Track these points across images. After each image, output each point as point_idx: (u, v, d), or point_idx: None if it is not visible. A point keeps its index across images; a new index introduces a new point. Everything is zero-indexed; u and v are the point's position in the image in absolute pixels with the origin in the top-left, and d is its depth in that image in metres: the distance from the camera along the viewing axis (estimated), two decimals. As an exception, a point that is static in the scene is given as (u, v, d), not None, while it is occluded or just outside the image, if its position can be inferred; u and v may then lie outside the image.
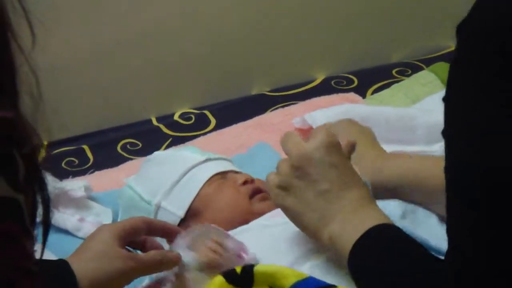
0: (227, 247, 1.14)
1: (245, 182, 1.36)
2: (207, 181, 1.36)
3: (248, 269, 1.08)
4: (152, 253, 1.12)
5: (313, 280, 1.06)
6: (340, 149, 1.12)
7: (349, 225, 1.04)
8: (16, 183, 0.63)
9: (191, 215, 1.34)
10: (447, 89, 0.86)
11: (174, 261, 1.13)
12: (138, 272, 1.10)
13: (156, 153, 1.48)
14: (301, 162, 1.11)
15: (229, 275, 1.08)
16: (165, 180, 1.37)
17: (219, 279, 1.08)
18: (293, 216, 1.12)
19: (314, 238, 1.11)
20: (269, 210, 1.30)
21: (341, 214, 1.07)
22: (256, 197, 1.35)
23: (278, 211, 1.23)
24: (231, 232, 1.26)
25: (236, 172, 1.40)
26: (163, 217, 1.35)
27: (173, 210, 1.35)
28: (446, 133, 0.87)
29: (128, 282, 1.10)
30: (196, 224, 1.24)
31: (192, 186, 1.36)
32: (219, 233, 1.16)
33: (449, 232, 0.87)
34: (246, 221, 1.30)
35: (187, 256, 1.13)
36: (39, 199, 0.67)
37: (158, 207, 1.36)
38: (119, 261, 1.07)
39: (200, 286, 1.10)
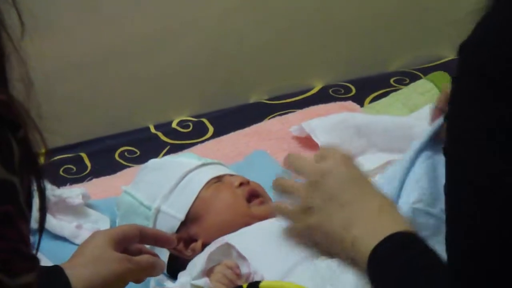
0: (241, 273, 1.15)
1: (240, 184, 1.37)
2: (205, 184, 1.37)
3: (254, 286, 1.08)
4: (146, 257, 1.13)
5: None
6: (354, 162, 1.13)
7: (370, 231, 1.04)
8: (12, 166, 0.63)
9: (191, 219, 1.35)
10: (449, 107, 0.86)
11: (163, 267, 1.14)
12: (133, 274, 1.10)
13: (152, 160, 1.48)
14: (318, 177, 1.10)
15: None
16: (164, 184, 1.38)
17: None
18: (317, 231, 1.11)
19: (340, 247, 1.09)
20: (268, 213, 1.31)
21: (363, 220, 1.06)
22: (254, 202, 1.36)
23: None
24: (230, 235, 1.26)
25: (231, 175, 1.41)
26: (163, 221, 1.35)
27: (173, 214, 1.36)
28: (448, 151, 0.87)
29: (124, 285, 1.10)
30: (206, 235, 1.25)
31: (190, 189, 1.37)
32: (237, 258, 1.16)
33: (448, 255, 0.87)
34: (245, 224, 1.31)
35: (200, 281, 1.14)
36: (34, 188, 0.68)
37: (158, 211, 1.36)
38: (114, 263, 1.07)
39: None
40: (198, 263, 1.19)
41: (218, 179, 1.39)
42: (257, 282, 1.09)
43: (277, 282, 1.10)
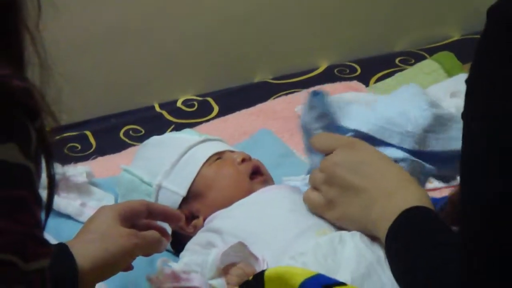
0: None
1: (243, 160, 1.37)
2: (206, 161, 1.37)
3: (259, 276, 1.08)
4: (152, 232, 1.13)
5: (321, 277, 1.06)
6: (362, 142, 1.16)
7: (386, 211, 1.06)
8: (29, 152, 0.64)
9: (193, 195, 1.35)
10: (471, 71, 0.85)
11: (167, 243, 1.17)
12: (141, 249, 1.10)
13: (153, 137, 1.48)
14: (330, 170, 1.14)
15: (243, 285, 1.10)
16: (165, 160, 1.38)
17: None
18: (344, 221, 1.15)
19: (364, 229, 1.12)
20: None
21: (379, 202, 1.09)
22: (256, 180, 1.36)
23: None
24: (228, 209, 1.28)
25: (233, 152, 1.41)
26: (164, 197, 1.35)
27: (175, 189, 1.35)
28: (465, 117, 0.86)
29: (131, 260, 1.11)
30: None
31: (192, 165, 1.37)
32: (250, 258, 1.16)
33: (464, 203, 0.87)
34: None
35: (217, 282, 1.14)
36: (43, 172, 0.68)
37: (159, 187, 1.36)
38: (122, 239, 1.07)
39: None
40: (209, 259, 1.18)
41: (220, 155, 1.39)
42: (262, 271, 1.09)
43: (281, 268, 1.09)
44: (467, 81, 0.86)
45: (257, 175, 1.37)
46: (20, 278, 0.65)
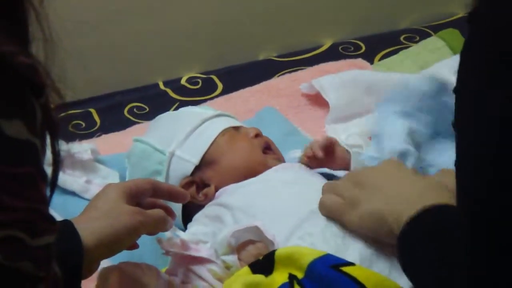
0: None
1: (256, 135, 1.39)
2: (222, 131, 1.38)
3: (270, 255, 1.09)
4: (157, 210, 1.13)
5: (330, 257, 1.06)
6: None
7: (411, 205, 1.04)
8: (34, 128, 0.64)
9: (205, 163, 1.36)
10: (458, 80, 0.85)
11: (172, 222, 1.16)
12: (146, 227, 1.10)
13: (167, 112, 1.49)
14: (357, 178, 1.14)
15: (254, 264, 1.10)
16: (179, 130, 1.39)
17: (245, 269, 1.10)
18: (366, 220, 1.12)
19: (386, 228, 1.08)
20: None
21: (405, 197, 1.07)
22: (270, 155, 1.37)
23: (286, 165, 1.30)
24: (239, 184, 1.28)
25: (246, 128, 1.43)
26: (176, 165, 1.36)
27: (187, 158, 1.36)
28: (456, 126, 0.86)
29: (137, 238, 1.11)
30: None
31: (207, 135, 1.38)
32: (264, 238, 1.16)
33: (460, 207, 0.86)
34: (258, 172, 1.33)
35: (229, 258, 1.14)
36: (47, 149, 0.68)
37: (172, 155, 1.37)
38: (127, 216, 1.07)
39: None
40: (220, 235, 1.18)
41: (235, 128, 1.40)
42: (273, 251, 1.09)
43: (290, 248, 1.10)
44: (454, 91, 0.85)
45: (269, 151, 1.38)
46: (26, 253, 0.65)
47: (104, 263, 1.12)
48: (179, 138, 1.38)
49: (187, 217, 1.33)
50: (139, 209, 1.10)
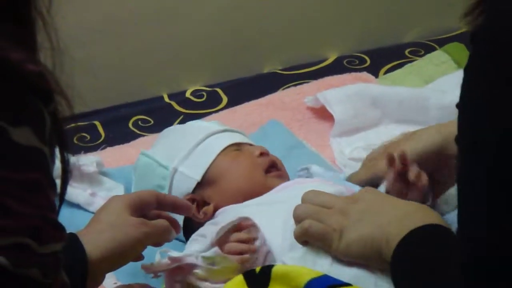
0: (256, 247, 1.14)
1: (261, 154, 1.37)
2: (224, 150, 1.37)
3: (266, 270, 1.08)
4: (161, 220, 1.13)
5: (327, 278, 1.06)
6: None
7: (403, 227, 1.03)
8: (43, 136, 0.64)
9: (206, 182, 1.35)
10: (461, 96, 0.84)
11: (178, 231, 1.17)
12: (151, 237, 1.10)
13: (174, 125, 1.49)
14: (349, 203, 1.12)
15: (249, 275, 1.09)
16: (183, 146, 1.38)
17: (239, 279, 1.09)
18: (355, 245, 1.10)
19: (376, 250, 1.07)
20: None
21: (397, 219, 1.06)
22: (272, 173, 1.36)
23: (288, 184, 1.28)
24: (242, 205, 1.27)
25: (251, 145, 1.41)
26: (179, 181, 1.35)
27: (190, 174, 1.36)
28: (460, 143, 0.85)
29: (142, 249, 1.11)
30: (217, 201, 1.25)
31: (209, 152, 1.37)
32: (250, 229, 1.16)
33: (461, 222, 0.86)
34: (259, 194, 1.31)
35: (210, 252, 1.13)
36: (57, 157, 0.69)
37: (175, 170, 1.36)
38: (132, 228, 1.07)
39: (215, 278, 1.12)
40: (208, 235, 1.18)
41: (238, 146, 1.39)
42: (270, 266, 1.09)
43: (289, 266, 1.09)
44: (457, 106, 0.85)
45: (273, 169, 1.37)
46: (34, 260, 0.65)
47: (108, 276, 1.12)
48: (182, 153, 1.37)
49: (189, 231, 1.33)
50: (143, 220, 1.10)
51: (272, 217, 1.21)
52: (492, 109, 0.79)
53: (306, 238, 1.13)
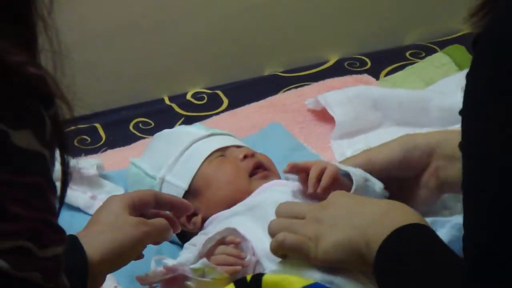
0: (245, 256, 1.14)
1: (245, 157, 1.36)
2: (208, 157, 1.36)
3: (257, 278, 1.08)
4: (160, 219, 1.13)
5: (318, 286, 1.06)
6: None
7: (383, 228, 1.01)
8: (44, 139, 0.64)
9: (193, 192, 1.35)
10: (464, 102, 0.84)
11: (177, 229, 1.17)
12: (150, 237, 1.10)
13: (163, 130, 1.48)
14: (320, 210, 1.11)
15: (240, 283, 1.08)
16: (169, 154, 1.38)
17: (230, 287, 1.08)
18: (332, 252, 1.08)
19: (356, 254, 1.05)
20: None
21: (375, 220, 1.04)
22: (257, 175, 1.34)
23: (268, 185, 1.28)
24: (229, 212, 1.27)
25: (238, 147, 1.40)
26: (168, 190, 1.35)
27: (177, 183, 1.36)
28: (464, 149, 0.85)
29: (142, 248, 1.10)
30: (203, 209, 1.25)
31: (193, 160, 1.37)
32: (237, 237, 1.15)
33: (466, 227, 0.86)
34: (244, 199, 1.31)
35: (197, 264, 1.12)
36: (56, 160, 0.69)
37: (163, 180, 1.36)
38: (131, 228, 1.07)
39: None
40: (198, 245, 1.18)
41: (223, 151, 1.38)
42: (261, 275, 1.08)
43: (280, 275, 1.09)
44: (460, 113, 0.85)
45: (259, 170, 1.35)
46: (34, 264, 0.65)
47: (108, 279, 1.11)
48: (168, 162, 1.37)
49: (184, 235, 1.33)
50: (143, 219, 1.10)
51: (256, 225, 1.21)
52: (496, 114, 0.79)
53: (283, 251, 1.12)
